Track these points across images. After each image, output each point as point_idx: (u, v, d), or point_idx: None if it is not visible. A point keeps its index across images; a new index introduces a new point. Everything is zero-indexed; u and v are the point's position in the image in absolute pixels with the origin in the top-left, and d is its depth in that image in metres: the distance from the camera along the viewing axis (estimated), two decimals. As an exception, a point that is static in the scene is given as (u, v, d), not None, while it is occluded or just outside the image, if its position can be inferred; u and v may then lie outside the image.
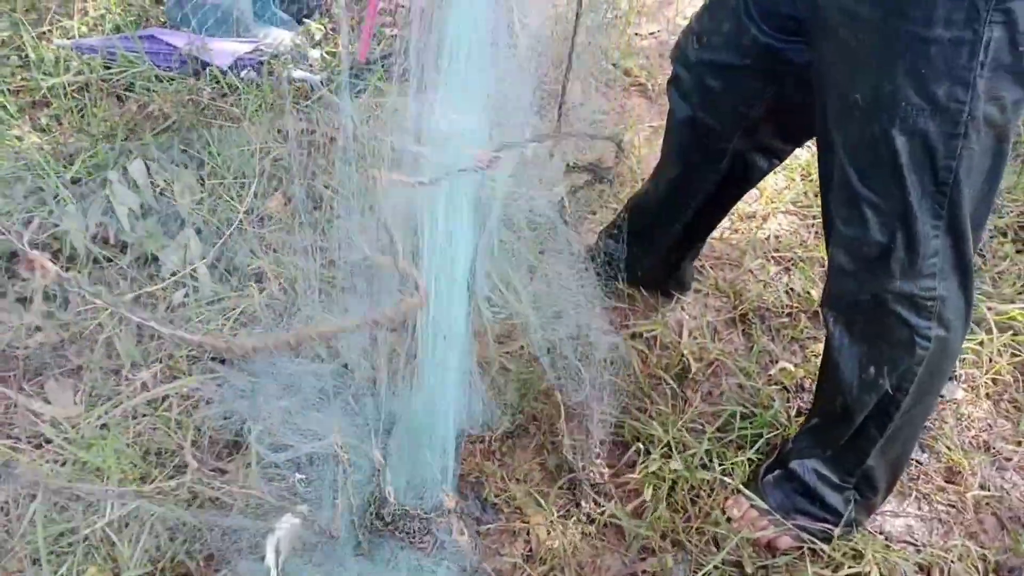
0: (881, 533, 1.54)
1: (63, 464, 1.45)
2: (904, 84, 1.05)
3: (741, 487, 1.52)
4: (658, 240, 1.75)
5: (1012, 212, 2.18)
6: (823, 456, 1.43)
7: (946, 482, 1.64)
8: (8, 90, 2.20)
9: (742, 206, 2.09)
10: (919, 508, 1.60)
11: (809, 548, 1.45)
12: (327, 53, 2.51)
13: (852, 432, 1.36)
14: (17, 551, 1.33)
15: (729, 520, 1.49)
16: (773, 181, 2.19)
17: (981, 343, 1.85)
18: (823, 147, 1.24)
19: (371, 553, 1.38)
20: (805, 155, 2.24)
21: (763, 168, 1.58)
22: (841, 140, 1.16)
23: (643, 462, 1.56)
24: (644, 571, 1.44)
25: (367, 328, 1.36)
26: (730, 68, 1.40)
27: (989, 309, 1.89)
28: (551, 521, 1.48)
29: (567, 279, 1.68)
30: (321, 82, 2.36)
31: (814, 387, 1.75)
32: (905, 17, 1.03)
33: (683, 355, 1.77)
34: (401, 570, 1.37)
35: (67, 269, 1.79)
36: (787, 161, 1.91)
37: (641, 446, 1.60)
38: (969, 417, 1.76)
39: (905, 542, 1.54)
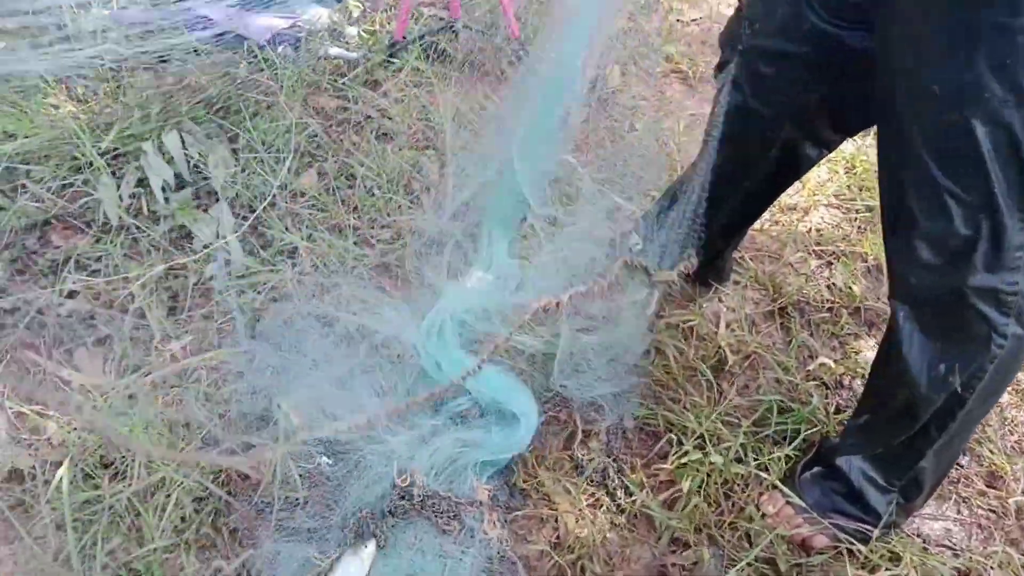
0: (919, 536, 1.49)
1: (91, 432, 1.44)
2: (986, 74, 1.00)
3: (777, 483, 1.48)
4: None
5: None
6: (872, 455, 1.38)
7: (987, 486, 1.59)
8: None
9: (783, 198, 2.03)
10: (959, 512, 1.55)
11: (845, 548, 1.41)
12: (364, 31, 2.49)
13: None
14: (43, 516, 1.32)
15: (763, 516, 1.45)
16: (816, 173, 2.14)
17: (1028, 346, 1.79)
18: (892, 137, 1.18)
19: (394, 540, 1.35)
20: (849, 148, 2.18)
21: (812, 158, 1.53)
22: (918, 130, 1.11)
23: (675, 453, 1.53)
24: (674, 563, 1.41)
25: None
26: (785, 55, 1.34)
27: (1037, 311, 1.83)
28: (580, 509, 1.45)
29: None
30: (357, 60, 2.34)
31: (854, 384, 1.71)
32: (987, 5, 0.98)
33: (720, 347, 1.72)
34: (426, 555, 1.35)
35: (100, 240, 1.79)
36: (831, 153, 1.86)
37: (674, 437, 1.56)
38: (1013, 421, 1.71)
39: (943, 546, 1.49)
